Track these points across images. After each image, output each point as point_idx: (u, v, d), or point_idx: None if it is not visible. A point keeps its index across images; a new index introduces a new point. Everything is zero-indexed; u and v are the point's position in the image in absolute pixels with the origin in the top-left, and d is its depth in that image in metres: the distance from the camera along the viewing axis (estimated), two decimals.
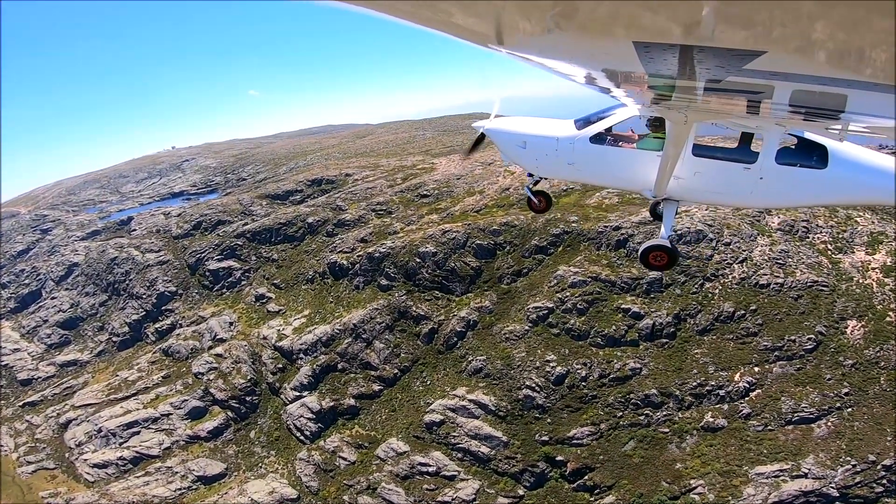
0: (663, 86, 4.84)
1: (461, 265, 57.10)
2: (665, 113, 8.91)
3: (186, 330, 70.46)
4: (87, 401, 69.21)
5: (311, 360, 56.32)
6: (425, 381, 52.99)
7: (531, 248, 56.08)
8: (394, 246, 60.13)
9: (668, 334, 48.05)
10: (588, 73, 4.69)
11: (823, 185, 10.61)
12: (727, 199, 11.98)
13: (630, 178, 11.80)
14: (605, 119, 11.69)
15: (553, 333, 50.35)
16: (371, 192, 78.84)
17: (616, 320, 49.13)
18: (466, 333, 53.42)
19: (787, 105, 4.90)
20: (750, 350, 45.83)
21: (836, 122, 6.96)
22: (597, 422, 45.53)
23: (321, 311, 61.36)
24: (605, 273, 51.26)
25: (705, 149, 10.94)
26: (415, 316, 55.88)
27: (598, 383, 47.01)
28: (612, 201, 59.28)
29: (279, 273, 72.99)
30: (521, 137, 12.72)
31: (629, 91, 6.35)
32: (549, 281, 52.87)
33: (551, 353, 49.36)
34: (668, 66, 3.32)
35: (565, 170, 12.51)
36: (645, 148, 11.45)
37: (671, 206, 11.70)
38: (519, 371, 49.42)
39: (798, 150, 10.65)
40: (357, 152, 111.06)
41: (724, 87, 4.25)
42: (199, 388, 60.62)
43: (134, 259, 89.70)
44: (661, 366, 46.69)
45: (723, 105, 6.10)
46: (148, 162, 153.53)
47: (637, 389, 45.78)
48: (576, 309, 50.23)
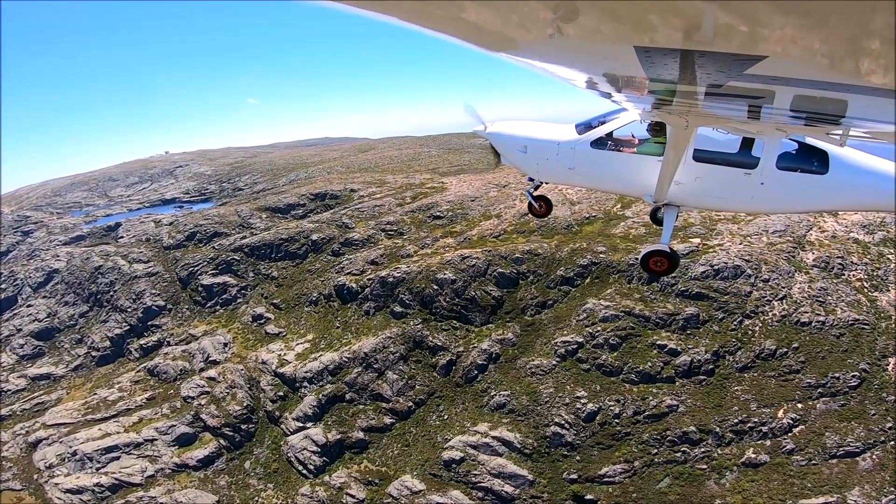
0: (664, 90, 4.76)
1: (482, 294, 53.59)
2: (666, 118, 8.74)
3: (175, 349, 65.49)
4: (61, 419, 63.66)
5: (317, 389, 51.94)
6: (442, 415, 49.08)
7: (556, 278, 52.89)
8: (409, 270, 56.39)
9: (706, 371, 45.64)
10: (589, 78, 4.58)
11: (824, 191, 10.52)
12: (728, 204, 11.82)
13: (631, 183, 11.77)
14: (607, 124, 11.63)
15: (583, 369, 47.27)
16: (379, 211, 75.24)
17: (651, 356, 46.42)
18: (488, 366, 49.81)
19: (788, 110, 4.85)
20: (792, 387, 44.15)
21: (837, 127, 6.84)
22: (630, 459, 43.13)
23: (326, 336, 57.11)
24: (638, 308, 48.33)
25: (706, 154, 10.80)
26: (431, 346, 52.03)
27: (631, 420, 44.54)
28: (640, 231, 56.62)
29: (279, 292, 68.62)
30: (522, 141, 12.57)
31: (630, 96, 6.22)
32: (578, 314, 49.70)
33: (581, 388, 46.31)
34: (669, 70, 3.29)
35: (566, 174, 12.40)
36: (646, 153, 11.41)
37: (672, 211, 11.58)
38: (547, 407, 46.18)
39: (799, 156, 10.58)
40: (360, 167, 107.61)
41: (725, 92, 4.15)
42: (189, 413, 55.72)
43: (120, 269, 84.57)
44: (700, 403, 44.52)
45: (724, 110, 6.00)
46: (139, 166, 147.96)
47: (674, 426, 43.54)
48: (608, 344, 47.21)
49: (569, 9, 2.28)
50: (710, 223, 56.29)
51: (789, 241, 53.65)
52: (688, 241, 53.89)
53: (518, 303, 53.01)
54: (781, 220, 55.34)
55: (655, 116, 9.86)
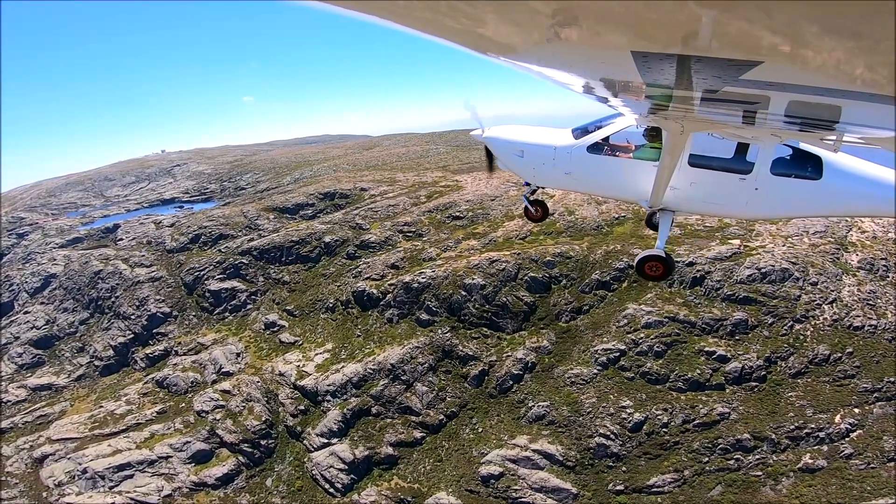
0: (660, 95, 4.73)
1: (513, 300, 50.92)
2: (662, 123, 8.70)
3: (185, 360, 62.35)
4: (66, 434, 60.46)
5: (341, 403, 49.09)
6: (476, 428, 46.52)
7: (591, 282, 50.34)
8: (434, 275, 53.53)
9: (758, 378, 43.74)
10: (586, 83, 4.54)
11: (818, 196, 10.53)
12: (723, 209, 11.82)
13: (626, 188, 11.69)
14: (603, 128, 11.59)
15: (626, 377, 44.94)
16: (394, 211, 72.28)
17: (699, 363, 44.28)
18: (523, 376, 47.25)
19: (783, 115, 4.83)
20: (848, 392, 42.80)
21: (831, 132, 6.75)
22: (680, 468, 41.51)
23: (347, 345, 54.20)
24: (682, 313, 45.94)
25: (701, 159, 10.76)
26: (461, 356, 49.34)
27: (681, 429, 42.76)
28: (675, 233, 54.13)
29: (292, 298, 65.59)
30: (519, 146, 12.55)
31: (627, 100, 6.06)
32: (617, 320, 47.25)
33: (626, 398, 44.06)
34: (665, 75, 3.26)
35: (562, 179, 12.38)
36: (642, 158, 11.35)
37: (667, 216, 11.60)
38: (590, 418, 44.01)
39: (793, 161, 10.57)
40: (368, 165, 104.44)
41: (721, 98, 4.15)
42: (204, 428, 52.72)
43: (121, 273, 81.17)
44: (753, 409, 42.85)
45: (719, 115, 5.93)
46: (135, 165, 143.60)
47: (726, 434, 41.91)
48: (652, 351, 44.86)
49: (566, 13, 2.25)
50: (747, 223, 53.98)
51: (831, 242, 51.49)
52: (727, 242, 51.56)
53: (552, 308, 50.43)
54: (821, 220, 53.25)
55: (651, 121, 9.76)
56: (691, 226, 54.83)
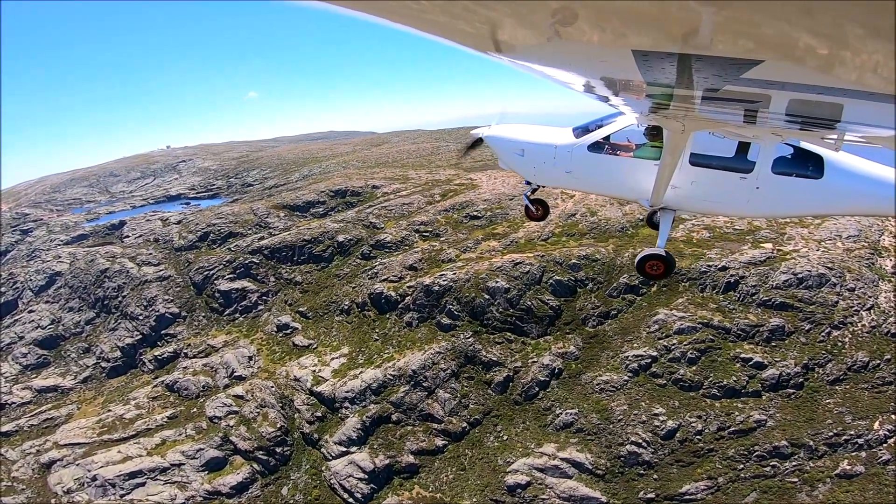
0: (661, 94, 4.71)
1: (537, 303, 49.22)
2: (663, 122, 8.64)
3: (195, 363, 60.70)
4: (74, 439, 58.88)
5: (360, 410, 47.47)
6: (501, 436, 44.96)
7: (620, 286, 48.65)
8: (455, 278, 51.79)
9: (795, 385, 42.40)
10: (587, 82, 4.48)
11: (819, 195, 10.46)
12: (724, 208, 11.72)
13: (627, 187, 11.62)
14: (604, 127, 11.54)
15: (658, 384, 43.37)
16: (408, 210, 70.50)
17: (734, 370, 42.78)
18: (550, 382, 45.64)
19: (784, 114, 4.80)
20: (886, 399, 41.65)
21: (832, 131, 6.68)
22: (714, 475, 40.34)
23: (364, 349, 52.51)
24: (716, 319, 44.29)
25: (702, 158, 10.70)
26: (485, 361, 47.67)
27: (715, 436, 41.47)
28: (703, 235, 52.46)
29: (305, 299, 63.89)
30: (520, 145, 12.49)
31: (627, 99, 6.02)
32: (648, 325, 45.60)
33: (658, 405, 42.56)
34: (666, 74, 3.23)
35: (563, 178, 12.33)
36: (642, 157, 11.30)
37: (668, 215, 11.53)
38: (621, 426, 42.55)
39: (794, 160, 10.51)
40: (378, 162, 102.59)
41: (722, 96, 4.10)
42: (217, 435, 51.15)
43: (128, 272, 79.45)
44: (790, 416, 41.63)
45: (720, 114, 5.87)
46: (140, 161, 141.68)
47: (763, 441, 40.76)
48: (686, 358, 43.28)
49: (567, 12, 2.23)
50: (778, 226, 52.25)
51: (865, 246, 49.80)
52: (759, 246, 49.83)
53: (578, 313, 48.77)
54: (852, 223, 51.60)
55: (652, 120, 9.70)
56: (720, 228, 53.13)
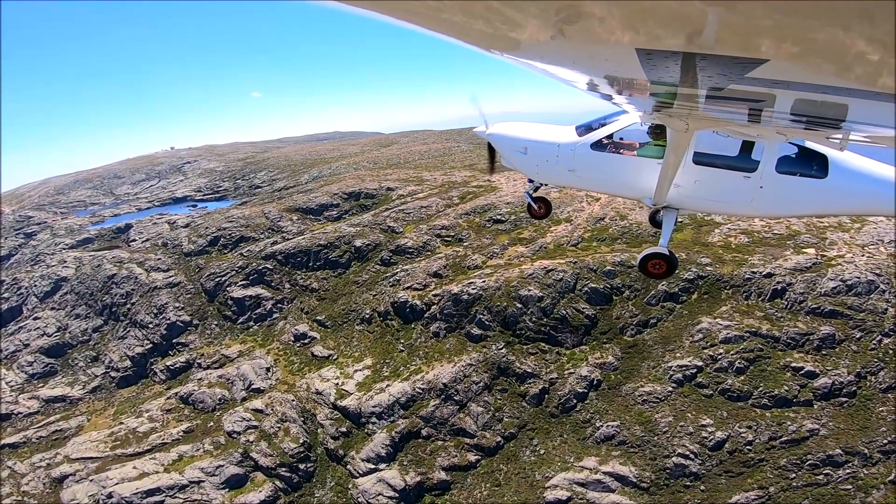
0: (665, 93, 4.67)
1: (572, 312, 47.00)
2: (666, 120, 8.60)
3: (210, 374, 58.42)
4: (86, 452, 56.60)
5: (388, 425, 45.25)
6: (537, 450, 42.83)
7: (658, 294, 46.45)
8: (485, 286, 49.53)
9: (847, 393, 40.60)
10: (590, 80, 4.45)
11: (823, 195, 10.33)
12: (727, 207, 11.57)
13: (630, 186, 11.53)
14: (607, 126, 11.43)
15: (704, 395, 41.33)
16: (427, 213, 68.25)
17: (785, 379, 40.82)
18: (588, 394, 43.50)
19: (789, 114, 4.73)
20: None
21: (837, 131, 6.53)
22: (765, 485, 38.71)
23: (389, 361, 50.24)
24: (764, 327, 42.18)
25: (706, 157, 10.65)
26: (519, 373, 45.48)
27: (766, 446, 39.74)
28: (742, 240, 50.27)
29: (322, 307, 61.61)
30: (523, 143, 12.41)
31: (631, 98, 5.99)
32: (691, 334, 43.46)
33: (706, 416, 40.64)
34: (670, 73, 3.21)
35: (566, 176, 12.18)
36: (645, 155, 11.22)
37: (671, 214, 11.41)
38: (666, 437, 40.63)
39: (798, 160, 10.40)
40: (389, 163, 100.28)
41: (726, 95, 4.07)
42: (236, 451, 48.92)
43: (136, 278, 77.19)
44: (843, 425, 39.96)
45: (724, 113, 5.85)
46: (144, 162, 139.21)
47: (816, 450, 39.17)
48: (733, 368, 41.26)
49: (571, 10, 2.24)
50: (818, 231, 50.10)
51: None
52: (801, 251, 47.65)
53: (615, 322, 46.58)
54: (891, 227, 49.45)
55: (656, 119, 9.55)
56: (758, 233, 50.92)
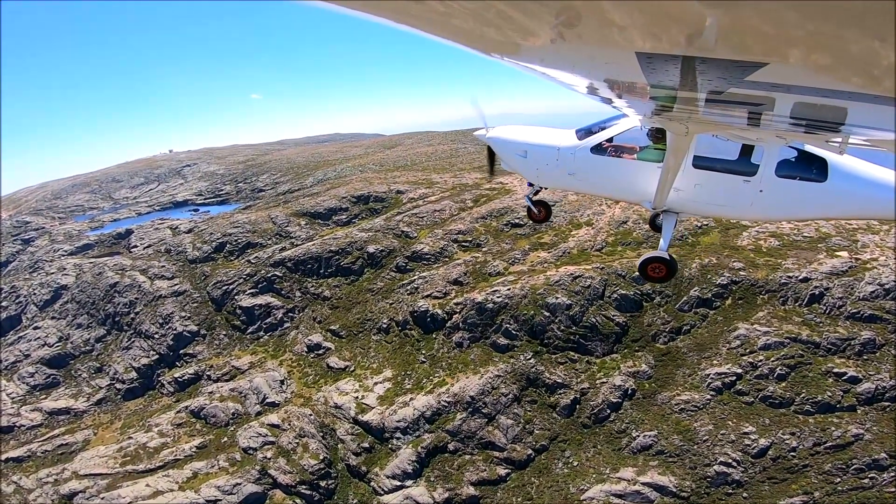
0: (665, 97, 4.62)
1: (602, 320, 45.45)
2: (666, 124, 8.55)
3: (222, 387, 56.43)
4: (95, 468, 54.45)
5: (414, 440, 43.54)
6: (570, 461, 41.28)
7: (691, 300, 44.96)
8: (511, 294, 47.86)
9: (890, 398, 39.42)
10: (590, 84, 4.45)
11: (823, 199, 10.38)
12: (727, 211, 11.52)
13: (630, 190, 11.55)
14: (607, 130, 11.49)
15: (744, 402, 39.99)
16: (441, 217, 66.52)
17: (827, 385, 39.59)
18: (622, 404, 42.00)
19: (788, 117, 4.72)
20: None
21: (837, 134, 6.61)
22: (810, 490, 37.71)
23: (410, 373, 48.47)
24: (804, 333, 40.82)
25: (706, 161, 10.63)
26: (549, 384, 43.86)
27: (810, 452, 38.64)
28: (771, 244, 48.83)
29: (335, 316, 59.75)
30: (522, 146, 12.43)
31: (631, 102, 6.01)
32: (728, 341, 42.04)
33: (747, 423, 39.43)
34: (670, 76, 3.20)
35: (566, 180, 12.21)
36: (645, 159, 11.23)
37: (671, 218, 11.44)
38: (707, 446, 39.33)
39: (798, 163, 10.42)
40: (395, 165, 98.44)
41: (726, 99, 4.07)
42: (254, 468, 47.04)
43: (140, 286, 75.04)
44: (888, 429, 38.85)
45: (724, 117, 5.82)
46: (143, 165, 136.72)
47: (861, 454, 38.04)
48: (774, 374, 39.93)
49: (571, 13, 2.23)
50: (848, 233, 48.73)
51: None
52: (834, 255, 46.25)
53: (646, 329, 45.08)
54: None
55: (656, 123, 9.52)
56: (788, 236, 49.51)
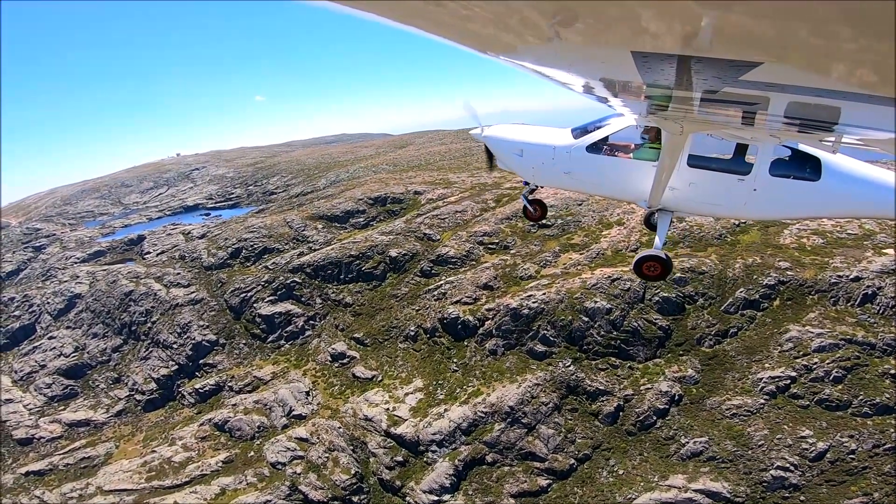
0: (660, 96, 4.72)
1: (644, 324, 43.63)
2: (661, 123, 8.65)
3: (245, 399, 54.89)
4: (120, 484, 52.96)
5: (451, 453, 41.90)
6: (615, 470, 39.61)
7: (737, 301, 43.06)
8: (546, 299, 46.05)
9: None
10: (586, 83, 4.56)
11: (817, 197, 10.43)
12: (721, 210, 11.70)
13: (625, 188, 11.65)
14: (602, 128, 11.57)
15: (800, 406, 38.45)
16: (463, 218, 64.67)
17: (885, 387, 38.02)
18: (669, 410, 40.30)
19: (782, 116, 4.78)
20: None
21: (830, 133, 6.67)
22: (870, 491, 36.43)
23: (442, 382, 46.77)
24: (859, 334, 38.99)
25: (700, 160, 10.68)
26: (590, 391, 42.14)
27: (870, 454, 37.18)
28: (816, 242, 46.79)
29: (358, 323, 58.06)
30: (518, 145, 12.49)
31: (626, 101, 6.12)
32: (779, 344, 40.29)
33: (804, 427, 37.99)
34: (665, 76, 3.25)
35: (562, 178, 12.24)
36: (641, 158, 11.30)
37: (665, 216, 11.54)
38: (762, 451, 37.89)
39: (791, 162, 10.43)
40: (409, 165, 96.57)
41: (720, 98, 4.10)
42: (283, 484, 45.52)
43: (156, 294, 73.56)
44: None
45: (718, 116, 5.95)
46: (151, 170, 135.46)
47: None
48: (830, 377, 38.27)
49: (567, 13, 2.25)
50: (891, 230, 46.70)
51: None
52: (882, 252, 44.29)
53: (690, 332, 43.24)
54: None
55: (651, 122, 9.56)
56: (831, 233, 47.47)
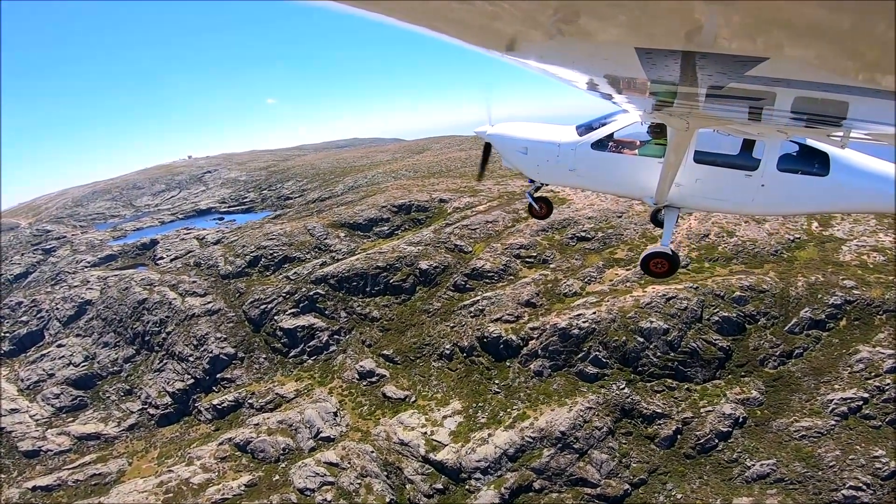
0: (665, 92, 4.65)
1: (703, 344, 40.95)
2: (666, 119, 8.59)
3: (269, 418, 51.99)
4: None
5: (496, 480, 39.04)
6: (672, 494, 36.98)
7: (802, 321, 40.41)
8: (598, 318, 43.34)
9: None
10: (590, 80, 4.46)
11: (825, 193, 10.30)
12: (728, 206, 11.51)
13: (631, 185, 11.57)
14: (607, 125, 11.49)
15: (872, 426, 36.65)
16: (494, 229, 62.00)
17: None
18: (732, 432, 37.70)
19: (789, 112, 4.73)
20: None
21: (838, 128, 6.54)
22: None
23: (482, 405, 43.97)
24: None
25: (707, 155, 10.58)
26: (646, 414, 39.43)
27: None
28: (877, 259, 44.12)
29: (387, 340, 55.24)
30: (523, 143, 12.45)
31: (631, 97, 6.07)
32: (849, 364, 37.91)
33: (877, 447, 36.14)
34: (669, 72, 3.20)
35: (567, 176, 12.20)
36: (646, 154, 11.25)
37: (672, 213, 11.40)
38: (834, 472, 35.99)
39: (799, 157, 10.34)
40: (430, 171, 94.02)
41: (726, 94, 4.03)
42: None
43: (171, 303, 70.83)
44: None
45: (724, 111, 5.79)
46: (163, 172, 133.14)
47: None
48: None
49: (570, 10, 2.23)
50: None
51: None
52: None
53: (752, 353, 40.63)
54: None
55: (656, 118, 9.49)
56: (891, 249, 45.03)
